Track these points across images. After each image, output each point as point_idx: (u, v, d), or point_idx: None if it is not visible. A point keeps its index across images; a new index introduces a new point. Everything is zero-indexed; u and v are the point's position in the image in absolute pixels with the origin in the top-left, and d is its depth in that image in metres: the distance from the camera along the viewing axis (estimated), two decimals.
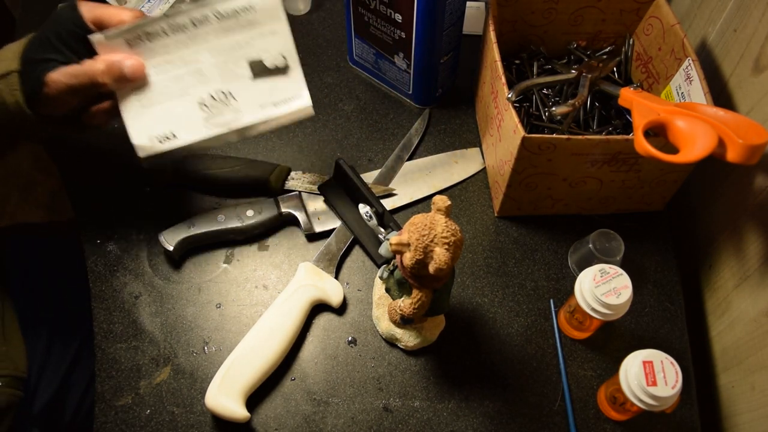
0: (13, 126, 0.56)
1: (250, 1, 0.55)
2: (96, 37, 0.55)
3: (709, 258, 0.72)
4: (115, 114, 0.58)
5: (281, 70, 0.56)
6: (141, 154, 0.58)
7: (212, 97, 0.57)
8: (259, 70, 0.56)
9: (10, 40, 0.61)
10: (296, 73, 0.56)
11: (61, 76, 0.53)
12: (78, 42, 0.55)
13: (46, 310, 0.77)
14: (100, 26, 0.56)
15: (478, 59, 0.81)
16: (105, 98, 0.59)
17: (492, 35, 0.69)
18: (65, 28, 0.55)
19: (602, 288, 0.57)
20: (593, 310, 0.58)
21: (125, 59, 0.55)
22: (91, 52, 0.55)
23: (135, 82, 0.57)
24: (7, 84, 0.54)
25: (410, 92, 0.83)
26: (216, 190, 0.76)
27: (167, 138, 0.57)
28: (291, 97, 0.56)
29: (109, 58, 0.55)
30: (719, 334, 0.69)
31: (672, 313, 0.68)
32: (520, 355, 0.65)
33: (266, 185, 0.74)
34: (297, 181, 0.75)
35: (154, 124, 0.58)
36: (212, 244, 0.72)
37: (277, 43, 0.55)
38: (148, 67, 0.57)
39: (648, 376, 0.52)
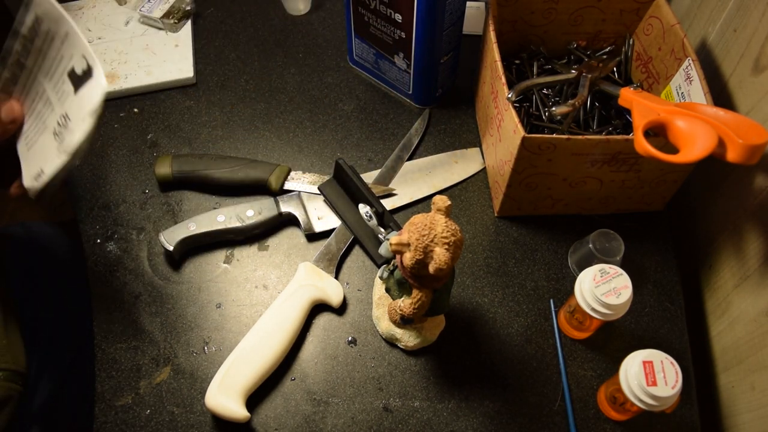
0: None
1: (34, 12, 0.54)
2: None
3: (709, 258, 0.72)
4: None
5: (88, 73, 0.54)
6: (30, 194, 0.60)
7: (58, 123, 0.57)
8: (76, 80, 0.55)
9: None
10: (97, 71, 0.54)
11: None
12: None
13: (46, 310, 0.77)
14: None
15: (478, 59, 0.81)
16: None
17: (492, 35, 0.69)
18: None
19: (602, 288, 0.57)
20: (593, 310, 0.58)
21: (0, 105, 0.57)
22: None
23: (15, 125, 0.58)
24: None
25: (410, 92, 0.83)
26: (216, 190, 0.76)
27: (39, 175, 0.58)
28: (99, 96, 0.54)
29: None
30: (719, 334, 0.69)
31: (672, 313, 0.68)
32: (520, 355, 0.65)
33: (266, 185, 0.74)
34: (297, 181, 0.75)
35: (32, 164, 0.59)
36: (212, 244, 0.72)
37: (73, 44, 0.54)
38: (24, 108, 0.58)
39: (648, 376, 0.52)
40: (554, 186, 0.68)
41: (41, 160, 0.58)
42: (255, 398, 0.62)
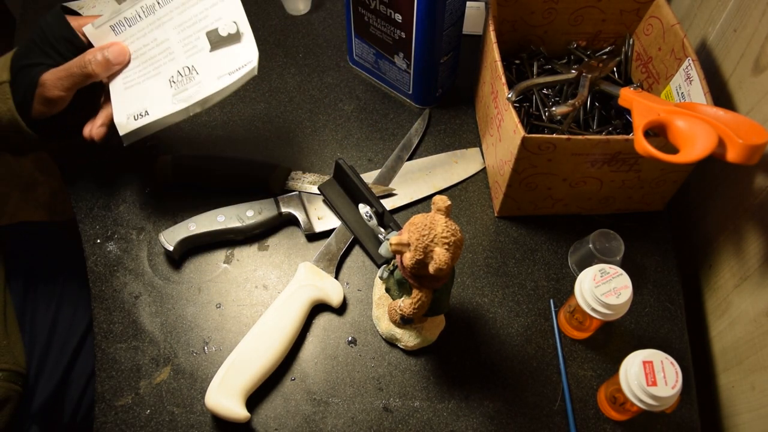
0: (5, 132, 0.60)
1: None
2: (88, 28, 0.60)
3: (709, 258, 0.72)
4: (109, 124, 0.63)
5: (235, 37, 0.58)
6: (120, 131, 0.63)
7: (179, 73, 0.60)
8: (216, 40, 0.59)
9: (11, 40, 0.62)
10: (248, 38, 0.59)
11: (54, 74, 0.57)
12: (65, 45, 0.59)
13: (46, 309, 0.77)
14: (83, 36, 0.62)
15: (478, 59, 0.81)
16: (93, 109, 0.63)
17: (492, 35, 0.69)
18: (53, 34, 0.60)
19: (602, 288, 0.57)
20: (593, 310, 0.58)
21: (109, 47, 0.60)
22: (76, 54, 0.60)
23: (120, 66, 0.61)
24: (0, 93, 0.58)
25: (410, 92, 0.83)
26: (216, 190, 0.76)
27: (141, 115, 0.62)
28: (243, 64, 0.59)
29: (94, 50, 0.59)
30: (719, 334, 0.69)
31: (672, 313, 0.68)
32: (520, 355, 0.65)
33: (266, 185, 0.74)
34: (297, 181, 0.75)
35: (132, 103, 0.61)
36: (212, 244, 0.72)
37: (227, 8, 0.58)
38: (130, 50, 0.61)
39: (648, 376, 0.52)
40: (554, 186, 0.68)
41: (146, 101, 0.61)
42: (255, 398, 0.62)
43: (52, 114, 0.61)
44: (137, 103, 0.61)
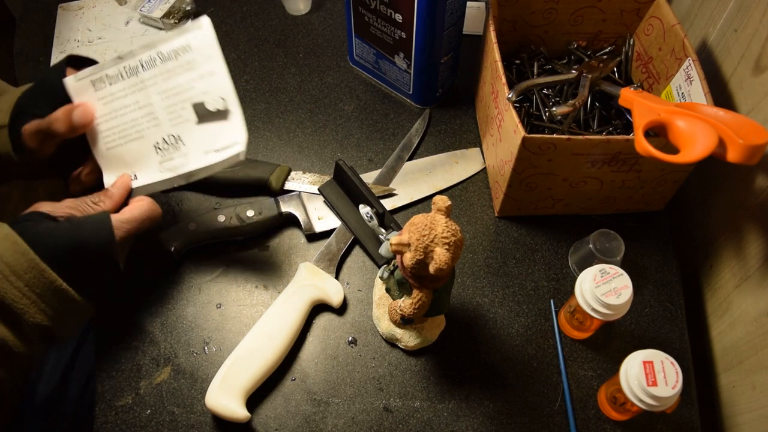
0: (6, 169, 0.60)
1: (187, 39, 0.54)
2: (69, 80, 0.58)
3: (710, 258, 0.72)
4: (97, 172, 0.61)
5: (222, 114, 0.55)
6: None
7: (165, 140, 0.57)
8: (203, 113, 0.55)
9: (11, 40, 0.61)
10: (235, 117, 0.54)
11: (31, 126, 0.57)
12: (59, 101, 0.58)
13: None
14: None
15: (478, 59, 0.81)
16: (81, 156, 0.61)
17: (492, 35, 0.69)
18: (48, 84, 0.59)
19: (602, 288, 0.57)
20: (593, 310, 0.58)
21: (75, 107, 0.57)
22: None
23: (84, 128, 0.59)
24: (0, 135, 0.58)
25: (410, 92, 0.83)
26: (216, 190, 0.76)
27: (130, 179, 0.59)
28: (230, 144, 0.55)
29: (61, 108, 0.57)
30: (720, 335, 0.69)
31: (672, 313, 0.68)
32: (520, 355, 0.65)
33: (266, 185, 0.74)
34: (297, 181, 0.75)
35: (119, 165, 0.59)
36: (212, 244, 0.72)
37: (216, 83, 0.54)
38: (109, 111, 0.58)
39: (648, 376, 0.52)
40: (554, 186, 0.68)
41: (134, 165, 0.59)
42: (255, 398, 0.62)
43: (41, 160, 0.60)
44: (124, 166, 0.59)
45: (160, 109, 0.57)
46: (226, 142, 0.55)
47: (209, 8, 0.96)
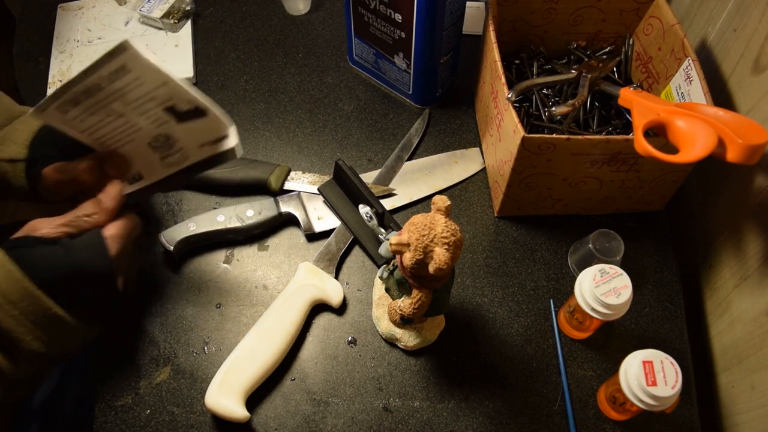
0: (18, 199, 0.62)
1: (119, 62, 0.49)
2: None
3: (709, 258, 0.72)
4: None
5: (198, 112, 0.53)
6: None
7: (155, 139, 0.57)
8: (178, 113, 0.53)
9: (11, 40, 0.61)
10: (212, 114, 0.52)
11: (52, 170, 0.57)
12: (78, 147, 0.58)
13: None
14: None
15: (478, 59, 0.81)
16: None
17: (492, 35, 0.69)
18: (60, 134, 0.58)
19: (602, 288, 0.57)
20: (593, 310, 0.58)
21: (106, 158, 0.57)
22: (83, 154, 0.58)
23: (117, 176, 0.58)
24: (14, 168, 0.58)
25: (410, 92, 0.83)
26: (216, 190, 0.76)
27: (135, 179, 0.59)
28: (221, 137, 0.54)
29: (92, 156, 0.57)
30: (719, 334, 0.69)
31: (672, 313, 0.68)
32: (520, 355, 0.65)
33: (266, 185, 0.74)
34: (297, 181, 0.75)
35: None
36: (212, 244, 0.72)
37: (173, 91, 0.51)
38: (88, 126, 0.57)
39: (648, 376, 0.52)
40: (554, 186, 0.68)
41: (134, 164, 0.58)
42: (255, 398, 0.62)
43: (56, 201, 0.60)
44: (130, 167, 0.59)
45: (136, 116, 0.55)
46: (216, 136, 0.54)
47: (209, 8, 0.96)
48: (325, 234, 0.73)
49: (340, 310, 0.68)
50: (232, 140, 0.54)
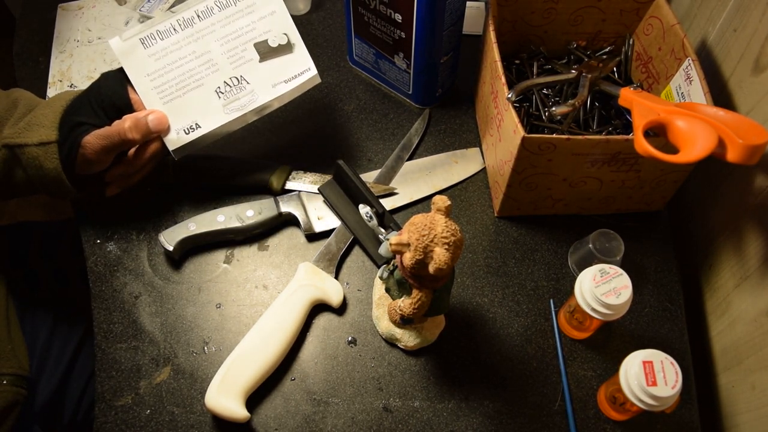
0: (49, 188, 0.61)
1: None
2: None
3: (709, 258, 0.72)
4: (132, 174, 0.65)
5: (286, 48, 0.59)
6: (170, 146, 0.62)
7: (226, 83, 0.60)
8: (265, 51, 0.59)
9: (10, 40, 0.61)
10: (300, 48, 0.59)
11: (94, 138, 0.58)
12: (116, 112, 0.60)
13: (45, 309, 0.77)
14: (137, 108, 0.62)
15: (478, 59, 0.81)
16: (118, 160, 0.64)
17: (492, 35, 0.69)
18: (108, 99, 0.60)
19: (602, 288, 0.57)
20: (593, 310, 0.58)
21: (148, 114, 0.59)
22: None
23: (160, 134, 0.61)
24: (46, 152, 0.58)
25: (410, 92, 0.83)
26: (216, 190, 0.76)
27: (192, 128, 0.62)
28: (299, 72, 0.60)
29: (134, 116, 0.59)
30: (719, 334, 0.69)
31: (672, 313, 0.68)
32: (520, 355, 0.65)
33: (266, 185, 0.74)
34: (297, 181, 0.75)
35: (177, 117, 0.61)
36: (212, 244, 0.72)
37: (277, 22, 0.58)
38: (162, 66, 0.59)
39: (648, 376, 0.52)
40: (554, 186, 0.68)
41: (195, 114, 0.60)
42: (255, 398, 0.62)
43: (93, 172, 0.62)
44: (184, 117, 0.60)
45: (219, 54, 0.59)
46: (295, 71, 0.59)
47: None
48: (325, 234, 0.73)
49: (340, 310, 0.68)
50: (313, 70, 0.60)
